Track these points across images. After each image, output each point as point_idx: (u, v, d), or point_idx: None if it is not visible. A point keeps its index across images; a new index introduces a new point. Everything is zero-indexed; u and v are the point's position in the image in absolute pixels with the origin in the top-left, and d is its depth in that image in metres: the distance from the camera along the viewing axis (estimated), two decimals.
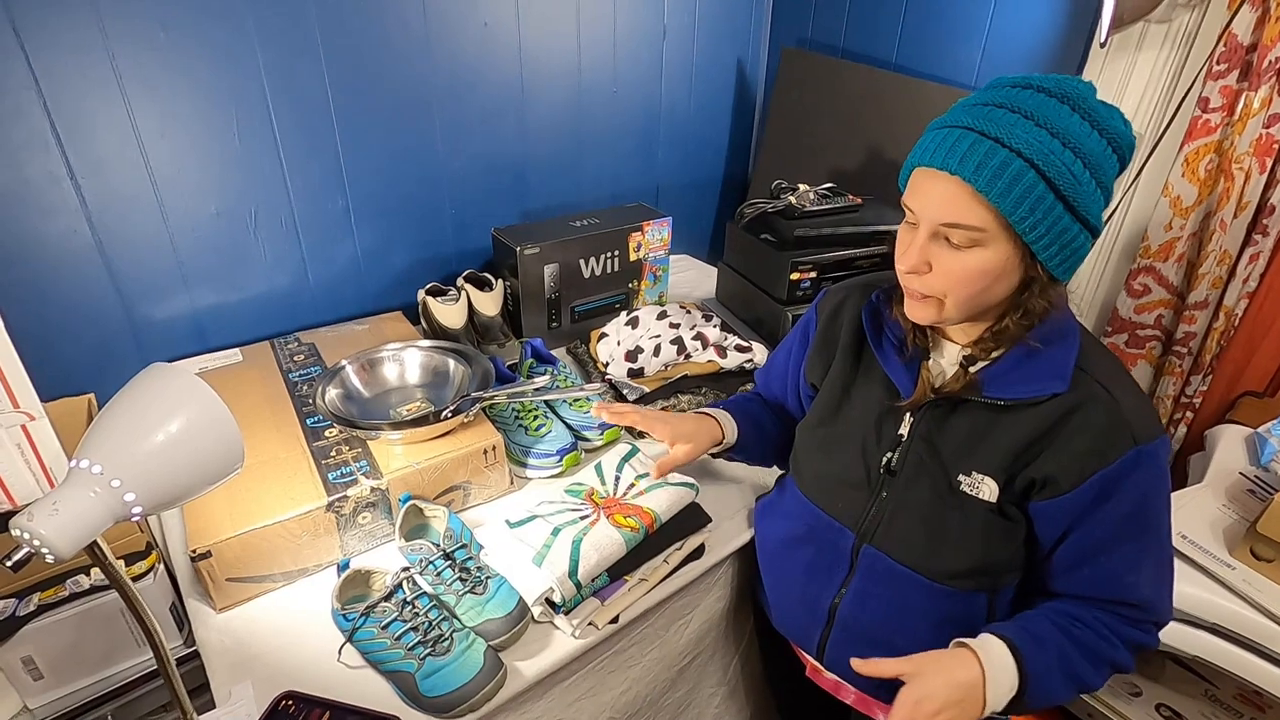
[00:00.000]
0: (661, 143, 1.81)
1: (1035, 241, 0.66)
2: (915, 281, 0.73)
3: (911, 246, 0.71)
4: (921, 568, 0.79)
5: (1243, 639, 1.00)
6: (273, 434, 1.01)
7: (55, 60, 1.01)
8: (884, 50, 1.64)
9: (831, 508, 0.86)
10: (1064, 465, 0.71)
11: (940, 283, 0.71)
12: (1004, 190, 0.63)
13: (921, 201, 0.69)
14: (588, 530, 0.91)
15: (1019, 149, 0.63)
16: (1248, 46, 1.15)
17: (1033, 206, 0.64)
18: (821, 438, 0.89)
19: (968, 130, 0.65)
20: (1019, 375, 0.73)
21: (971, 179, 0.64)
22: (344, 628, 0.83)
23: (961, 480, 0.76)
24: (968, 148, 0.64)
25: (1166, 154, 1.29)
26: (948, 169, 0.65)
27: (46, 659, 0.93)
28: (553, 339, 1.47)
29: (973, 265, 0.68)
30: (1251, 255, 1.23)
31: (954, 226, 0.67)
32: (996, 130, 0.64)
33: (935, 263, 0.70)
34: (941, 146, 0.66)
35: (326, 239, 1.36)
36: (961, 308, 0.72)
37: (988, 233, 0.66)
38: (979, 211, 0.65)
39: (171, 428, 0.57)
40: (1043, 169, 0.63)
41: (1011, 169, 0.63)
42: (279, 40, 1.17)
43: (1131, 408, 0.71)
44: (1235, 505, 1.12)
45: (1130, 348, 1.42)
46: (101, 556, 0.60)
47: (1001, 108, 0.66)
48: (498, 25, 1.40)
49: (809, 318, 0.96)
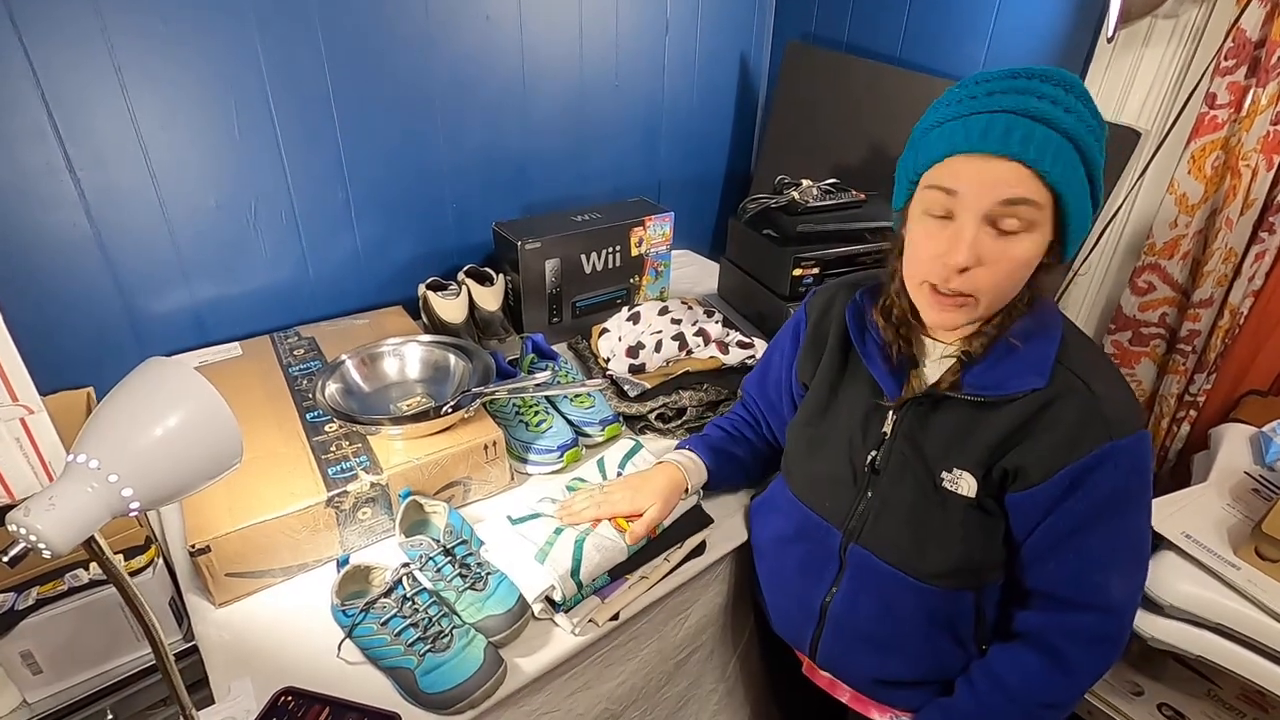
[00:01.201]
0: (664, 137, 1.80)
1: (1072, 220, 0.66)
2: (959, 281, 0.68)
3: (959, 240, 0.66)
4: (907, 567, 0.79)
5: (1246, 639, 0.99)
6: (272, 429, 1.01)
7: (53, 51, 1.00)
8: (888, 45, 1.63)
9: (820, 507, 0.86)
10: (1037, 457, 0.71)
11: (986, 278, 0.67)
12: (1063, 171, 0.64)
13: (972, 186, 0.65)
14: (589, 531, 0.91)
15: (1066, 130, 0.63)
16: (1256, 42, 1.14)
17: (1079, 188, 0.65)
18: (810, 437, 0.89)
19: (1008, 114, 0.64)
20: (998, 372, 0.73)
21: (1035, 161, 0.63)
22: (343, 624, 0.83)
23: (943, 477, 0.76)
24: (1024, 134, 0.63)
25: (1173, 151, 1.28)
26: (1006, 153, 0.63)
27: (45, 653, 0.92)
28: (554, 334, 1.46)
29: (1021, 253, 0.67)
30: (1257, 253, 1.23)
31: (1017, 204, 0.64)
32: (1042, 113, 0.63)
33: (983, 255, 0.67)
34: (991, 132, 0.64)
35: (327, 232, 1.35)
36: (994, 306, 0.71)
37: (1045, 212, 0.65)
38: (1042, 189, 0.64)
39: (170, 422, 0.57)
40: (1083, 150, 0.64)
41: (1065, 152, 0.64)
42: (279, 32, 1.16)
43: (1109, 401, 0.70)
44: (1240, 504, 1.11)
45: (1134, 345, 1.41)
46: (100, 551, 0.59)
47: (1026, 94, 0.65)
48: (500, 19, 1.39)
49: (799, 318, 0.96)
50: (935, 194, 0.68)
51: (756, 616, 1.13)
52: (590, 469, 1.06)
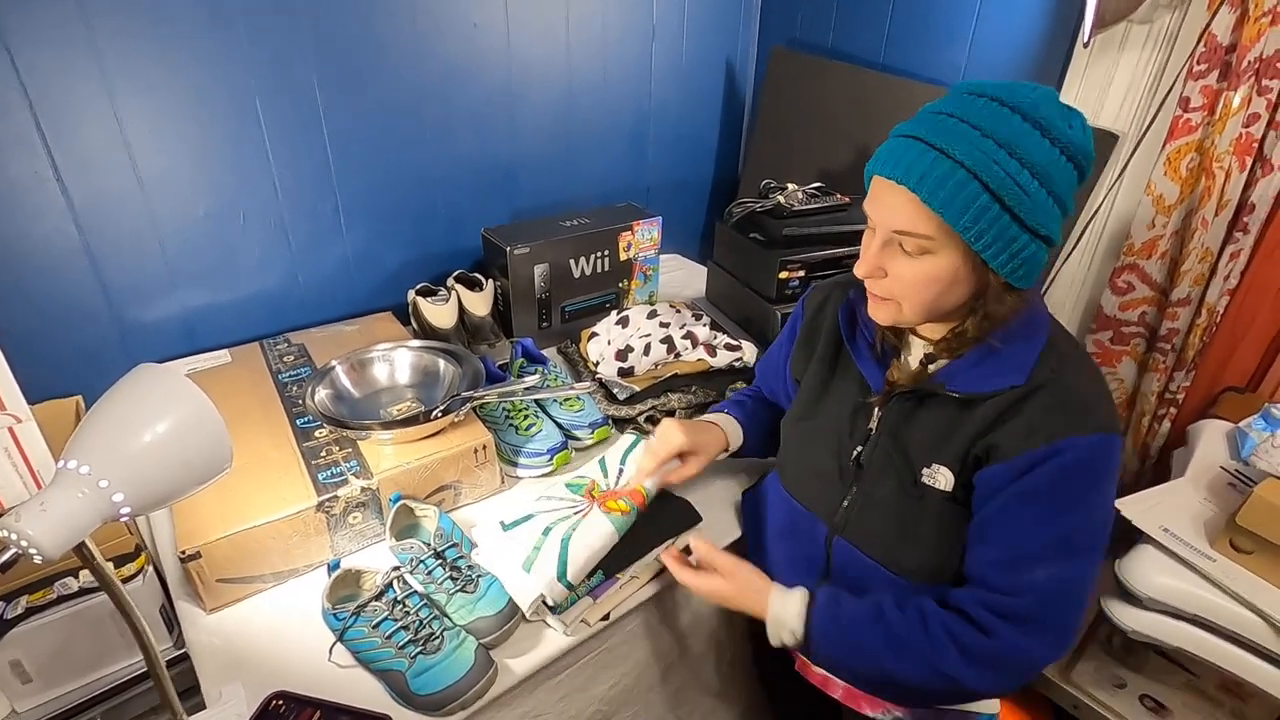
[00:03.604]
0: (651, 142, 1.81)
1: (984, 250, 0.67)
2: (872, 285, 0.77)
3: (867, 252, 0.74)
4: (887, 561, 0.81)
5: (1223, 630, 1.01)
6: (263, 435, 1.01)
7: (40, 58, 1.00)
8: (871, 50, 1.65)
9: (808, 500, 0.89)
10: (1000, 441, 0.72)
11: (895, 287, 0.74)
12: (947, 200, 0.65)
13: (876, 209, 0.72)
14: (578, 525, 0.91)
15: (961, 160, 0.64)
16: (1227, 47, 1.17)
17: (976, 217, 0.65)
18: (801, 432, 0.92)
19: (916, 140, 0.67)
20: (979, 371, 0.75)
21: (916, 188, 0.66)
22: (334, 627, 0.84)
23: (923, 473, 0.78)
24: (914, 157, 0.66)
25: (1149, 153, 1.31)
26: (895, 178, 0.67)
27: (35, 662, 0.92)
28: (543, 339, 1.47)
29: (923, 272, 0.71)
30: (1232, 253, 1.25)
31: (904, 234, 0.70)
32: (943, 141, 0.65)
33: (890, 268, 0.73)
34: (892, 156, 0.68)
35: (316, 239, 1.36)
36: (917, 311, 0.75)
37: (936, 240, 0.68)
38: (927, 220, 0.67)
39: (159, 428, 0.57)
40: (985, 180, 0.64)
41: (954, 179, 0.65)
42: (268, 40, 1.17)
43: (1080, 399, 0.71)
44: (1216, 499, 1.13)
45: (1115, 344, 1.44)
46: (90, 558, 0.59)
47: (953, 117, 0.67)
48: (487, 26, 1.41)
49: (797, 313, 0.99)
50: (865, 207, 0.75)
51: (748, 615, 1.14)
52: (593, 466, 1.06)
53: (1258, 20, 1.11)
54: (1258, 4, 1.11)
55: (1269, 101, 1.15)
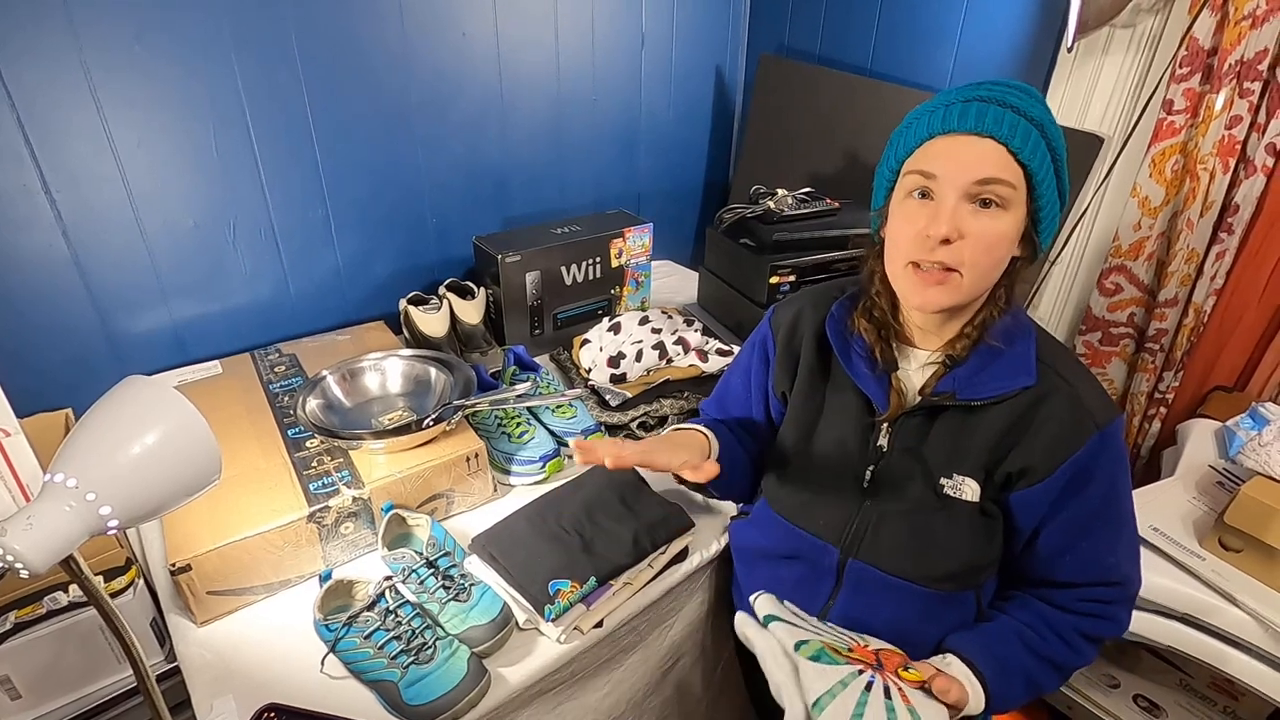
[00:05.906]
0: (642, 149, 1.82)
1: (1041, 209, 0.70)
2: (943, 252, 0.70)
3: (939, 214, 0.69)
4: (911, 575, 0.79)
5: (1213, 628, 1.02)
6: (253, 445, 1.01)
7: (27, 70, 1.00)
8: (859, 57, 1.67)
9: (813, 526, 0.85)
10: (1037, 455, 0.74)
11: (965, 252, 0.69)
12: (1031, 152, 0.68)
13: (952, 164, 0.69)
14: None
15: (1034, 118, 0.68)
16: (1208, 50, 1.19)
17: (1045, 173, 0.69)
18: (797, 457, 0.87)
19: (988, 102, 0.69)
20: (988, 375, 0.75)
21: (1008, 139, 0.67)
22: (326, 638, 0.83)
23: (944, 484, 0.77)
24: (997, 114, 0.68)
25: (1134, 155, 1.32)
26: (982, 131, 0.68)
27: (24, 678, 0.91)
28: (535, 346, 1.47)
29: (996, 230, 0.69)
30: (1218, 253, 1.26)
31: (992, 183, 0.68)
32: (1013, 103, 0.68)
33: (964, 229, 0.69)
34: (968, 113, 0.69)
35: (307, 249, 1.36)
36: (976, 282, 0.72)
37: (1018, 191, 0.69)
38: (1014, 170, 0.68)
39: (147, 440, 0.57)
40: (1051, 140, 0.69)
41: (1034, 135, 0.68)
42: (256, 50, 1.17)
43: (1088, 394, 0.74)
44: (1205, 497, 1.14)
45: (1104, 345, 1.45)
46: (79, 572, 0.59)
47: (998, 89, 0.70)
48: (476, 35, 1.41)
49: (764, 334, 0.92)
50: (916, 178, 0.72)
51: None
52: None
53: (1238, 23, 1.13)
54: (1238, 7, 1.12)
55: (1250, 104, 1.17)
